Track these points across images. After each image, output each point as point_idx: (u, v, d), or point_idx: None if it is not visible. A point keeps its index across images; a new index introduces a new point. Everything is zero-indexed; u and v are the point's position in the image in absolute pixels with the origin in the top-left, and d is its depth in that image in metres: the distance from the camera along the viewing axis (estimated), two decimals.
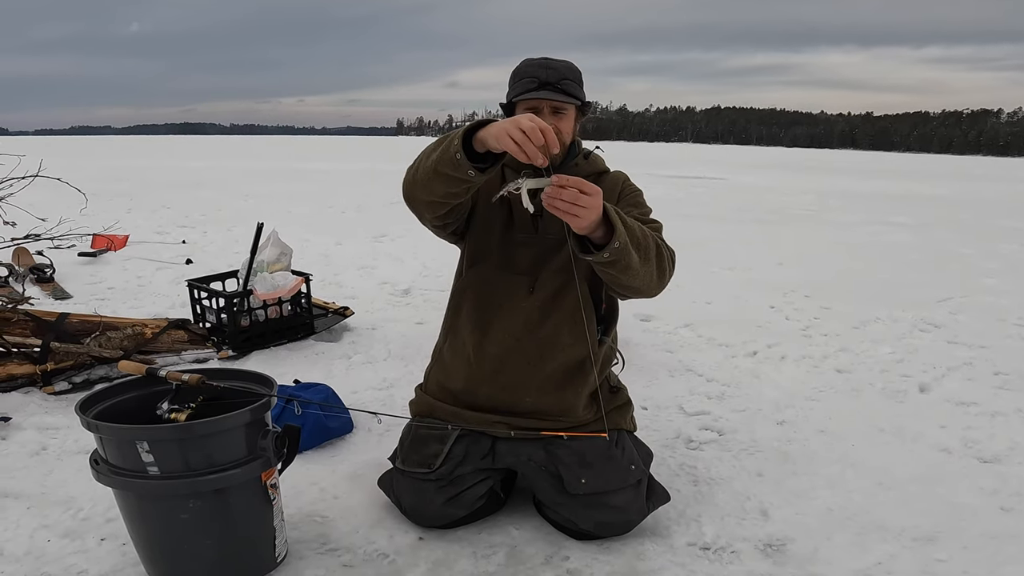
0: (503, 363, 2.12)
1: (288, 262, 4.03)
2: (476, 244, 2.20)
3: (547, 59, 2.08)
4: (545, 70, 2.04)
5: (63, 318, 3.37)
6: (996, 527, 2.21)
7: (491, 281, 2.15)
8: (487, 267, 2.17)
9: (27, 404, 3.00)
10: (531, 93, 2.02)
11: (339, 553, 2.03)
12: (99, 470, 1.75)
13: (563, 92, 2.03)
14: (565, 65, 2.08)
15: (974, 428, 2.96)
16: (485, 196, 2.12)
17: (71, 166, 12.13)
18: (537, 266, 2.13)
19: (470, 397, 2.16)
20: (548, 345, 2.10)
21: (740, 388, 3.43)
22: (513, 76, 2.11)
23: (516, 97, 2.06)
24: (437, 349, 2.31)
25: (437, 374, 2.27)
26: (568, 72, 2.07)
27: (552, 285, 2.12)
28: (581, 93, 2.10)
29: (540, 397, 2.11)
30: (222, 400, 1.86)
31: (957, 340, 4.27)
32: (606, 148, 2.33)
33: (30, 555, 2.00)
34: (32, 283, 5.33)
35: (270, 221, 4.28)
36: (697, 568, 1.99)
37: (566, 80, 2.05)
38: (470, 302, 2.18)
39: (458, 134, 1.75)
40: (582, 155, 2.23)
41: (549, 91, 2.01)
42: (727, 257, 7.06)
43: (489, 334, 2.14)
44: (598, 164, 2.26)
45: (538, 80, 2.02)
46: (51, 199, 3.96)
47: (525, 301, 2.12)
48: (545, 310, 2.11)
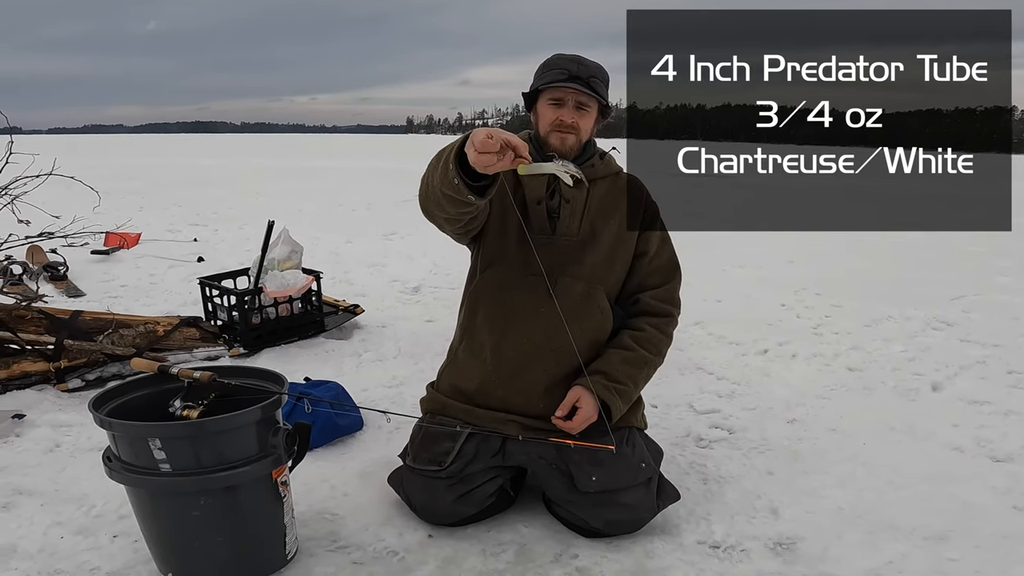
0: (521, 368, 2.12)
1: (299, 260, 4.04)
2: (491, 246, 2.19)
3: (580, 56, 2.10)
4: (576, 64, 2.06)
5: (76, 316, 3.40)
6: (1008, 526, 2.19)
7: (509, 283, 2.15)
8: (504, 269, 2.16)
9: (41, 401, 3.03)
10: (559, 83, 2.04)
11: (349, 550, 2.04)
12: (112, 467, 1.77)
13: (590, 88, 2.05)
14: (596, 65, 2.10)
15: (987, 427, 2.94)
16: (498, 198, 2.12)
17: (84, 164, 12.19)
18: (554, 268, 2.11)
19: (483, 398, 2.16)
20: (565, 353, 2.08)
21: (750, 386, 3.42)
22: (542, 66, 2.12)
23: (543, 85, 2.08)
24: (452, 349, 2.30)
25: (451, 374, 2.26)
26: (598, 72, 2.09)
27: (572, 292, 2.12)
28: (606, 94, 2.11)
29: (552, 401, 2.10)
30: (233, 397, 1.87)
31: (970, 339, 4.24)
32: (615, 145, 2.33)
33: (44, 551, 2.02)
34: (46, 281, 5.36)
35: (281, 219, 4.29)
36: (707, 567, 1.99)
37: (595, 78, 2.06)
38: (487, 304, 2.17)
39: (451, 156, 1.72)
40: (598, 155, 2.23)
41: (578, 84, 2.03)
42: (737, 255, 7.03)
43: (508, 337, 2.13)
44: (612, 165, 2.27)
45: (568, 73, 2.04)
46: (64, 197, 3.98)
47: (544, 305, 2.09)
48: (567, 319, 2.07)
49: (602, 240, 2.18)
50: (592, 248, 2.17)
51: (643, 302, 2.23)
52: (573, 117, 2.08)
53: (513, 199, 2.12)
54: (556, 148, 2.11)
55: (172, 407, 1.84)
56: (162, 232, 7.93)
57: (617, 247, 2.20)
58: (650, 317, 2.23)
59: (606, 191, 2.23)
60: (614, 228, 2.20)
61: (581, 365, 2.07)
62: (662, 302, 2.24)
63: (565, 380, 2.12)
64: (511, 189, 2.15)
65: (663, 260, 2.27)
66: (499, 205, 2.16)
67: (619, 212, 2.22)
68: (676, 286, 2.29)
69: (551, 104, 2.10)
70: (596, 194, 2.20)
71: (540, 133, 2.15)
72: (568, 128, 2.09)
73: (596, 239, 2.18)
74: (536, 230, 2.14)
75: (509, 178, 2.13)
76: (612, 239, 2.19)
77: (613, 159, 2.28)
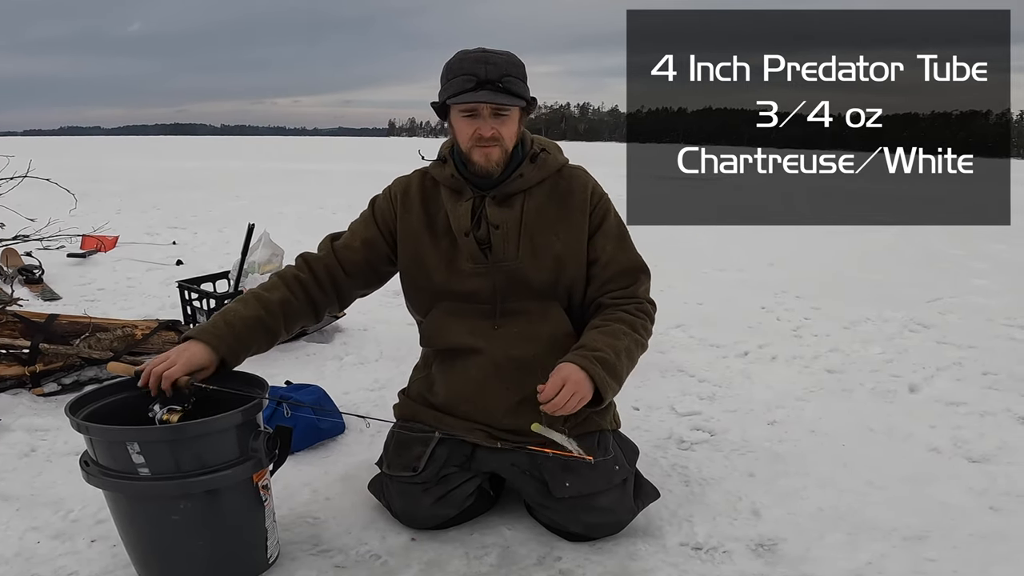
0: (482, 387, 2.06)
1: (280, 263, 4.02)
2: (421, 287, 2.13)
3: (485, 52, 1.87)
4: (483, 65, 1.83)
5: (52, 319, 3.35)
6: (985, 527, 2.22)
7: (455, 319, 2.07)
8: (448, 304, 2.09)
9: (16, 406, 2.98)
10: (468, 95, 1.83)
11: (331, 554, 2.03)
12: (89, 471, 1.74)
13: (505, 91, 1.85)
14: (506, 59, 1.88)
15: (963, 428, 2.97)
16: (409, 247, 2.08)
17: (60, 166, 12.04)
18: (496, 296, 2.05)
19: (450, 410, 2.12)
20: (527, 372, 1.97)
21: (731, 388, 3.44)
22: (446, 72, 1.89)
23: (451, 99, 1.87)
24: (427, 361, 2.25)
25: (421, 385, 2.23)
26: (510, 67, 1.87)
27: (529, 313, 2.06)
28: (525, 90, 1.91)
29: (515, 420, 2.01)
30: (213, 399, 1.85)
31: (947, 340, 4.29)
32: (598, 149, 2.29)
33: (20, 556, 1.99)
34: (21, 284, 5.28)
35: (261, 222, 4.26)
36: (689, 568, 2.00)
37: (508, 77, 1.85)
38: (445, 335, 2.11)
39: None
40: (528, 159, 2.02)
41: (489, 91, 1.83)
42: (718, 258, 7.07)
43: (469, 361, 2.08)
44: (550, 165, 2.06)
45: (476, 78, 1.82)
46: (40, 199, 3.93)
47: (500, 326, 2.05)
48: (524, 340, 2.04)
49: (544, 258, 2.02)
50: (535, 268, 2.02)
51: (603, 301, 2.06)
52: (492, 128, 1.88)
53: (434, 231, 2.07)
54: (481, 165, 1.94)
55: (152, 412, 1.82)
56: (140, 235, 7.84)
57: (566, 261, 2.03)
58: (614, 309, 2.04)
59: (545, 200, 2.04)
60: (558, 243, 2.02)
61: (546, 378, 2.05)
62: (626, 297, 2.06)
63: (530, 398, 1.98)
64: (430, 220, 2.08)
65: (622, 263, 2.07)
66: (411, 246, 2.09)
67: (563, 222, 2.03)
68: (641, 287, 2.09)
69: (465, 117, 1.90)
70: (532, 206, 2.02)
71: (461, 148, 1.96)
72: (489, 141, 1.90)
73: (538, 259, 2.02)
74: (471, 261, 2.02)
75: (423, 208, 2.08)
76: (557, 254, 2.02)
77: (552, 157, 2.06)
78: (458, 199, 2.04)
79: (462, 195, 2.04)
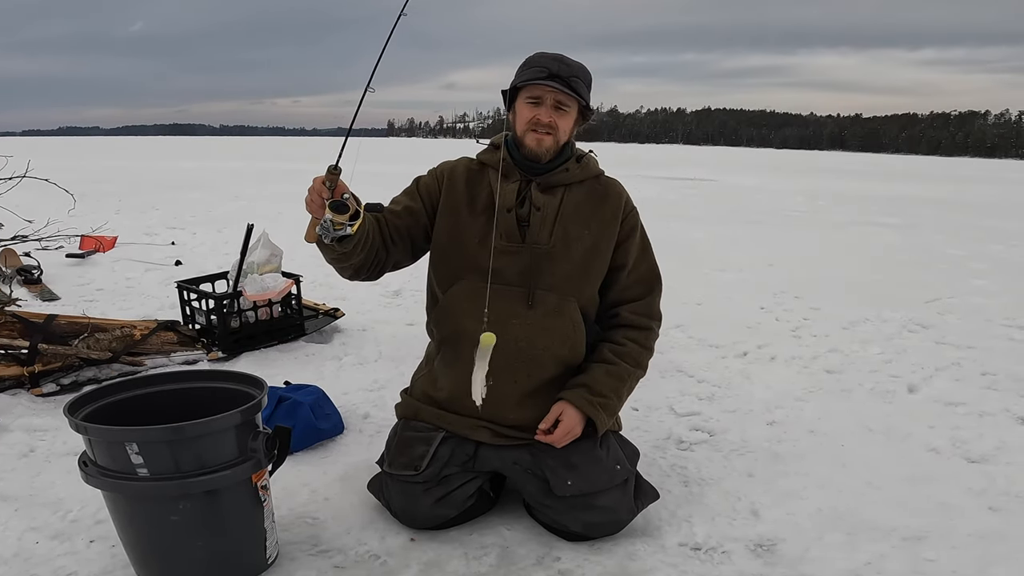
0: (492, 379, 2.06)
1: (279, 263, 4.01)
2: (451, 259, 2.14)
3: (563, 55, 2.05)
4: (558, 63, 2.02)
5: (51, 319, 3.35)
6: (984, 527, 2.22)
7: (479, 295, 2.05)
8: (472, 281, 2.09)
9: (15, 406, 2.98)
10: (539, 81, 1.99)
11: (330, 554, 2.03)
12: (88, 472, 1.74)
13: (570, 87, 2.00)
14: (579, 65, 2.06)
15: (962, 428, 2.98)
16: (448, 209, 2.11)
17: (59, 167, 12.04)
18: (527, 278, 2.08)
19: (455, 406, 2.13)
20: (536, 366, 2.08)
21: (730, 389, 3.44)
22: (524, 64, 2.07)
23: (522, 82, 2.03)
24: (429, 358, 2.27)
25: (424, 382, 2.24)
26: (580, 72, 2.04)
27: (546, 305, 2.08)
28: (588, 95, 2.06)
29: (521, 413, 2.08)
30: (212, 401, 1.85)
31: (945, 341, 4.30)
32: (598, 149, 2.31)
33: (19, 557, 1.98)
34: (19, 284, 5.28)
35: (260, 222, 4.26)
36: (688, 568, 2.00)
37: (575, 78, 2.01)
38: (459, 318, 2.10)
39: None
40: (575, 158, 2.16)
41: (557, 83, 1.98)
42: (718, 258, 7.08)
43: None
44: (591, 168, 2.19)
45: (548, 71, 1.99)
46: (39, 200, 3.93)
47: (517, 317, 2.06)
48: (538, 331, 2.07)
49: (575, 250, 2.11)
50: (564, 258, 2.10)
51: (622, 316, 2.19)
52: (551, 116, 2.03)
53: (474, 208, 2.11)
54: (532, 148, 2.06)
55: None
56: (139, 235, 7.85)
57: (592, 259, 2.14)
58: (630, 330, 2.19)
59: (583, 198, 2.15)
60: (589, 238, 2.13)
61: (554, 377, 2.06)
62: (641, 315, 2.20)
63: (537, 392, 2.09)
64: (471, 198, 2.13)
65: (642, 272, 2.22)
66: (449, 216, 2.12)
67: (596, 220, 2.15)
68: (656, 298, 2.24)
69: (529, 103, 2.04)
70: (571, 200, 2.14)
71: (517, 133, 2.10)
72: (545, 127, 2.03)
73: (569, 249, 2.11)
74: (506, 238, 2.09)
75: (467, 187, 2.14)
76: (586, 249, 2.13)
77: (593, 161, 2.21)
78: (505, 180, 2.12)
79: (509, 177, 2.13)
